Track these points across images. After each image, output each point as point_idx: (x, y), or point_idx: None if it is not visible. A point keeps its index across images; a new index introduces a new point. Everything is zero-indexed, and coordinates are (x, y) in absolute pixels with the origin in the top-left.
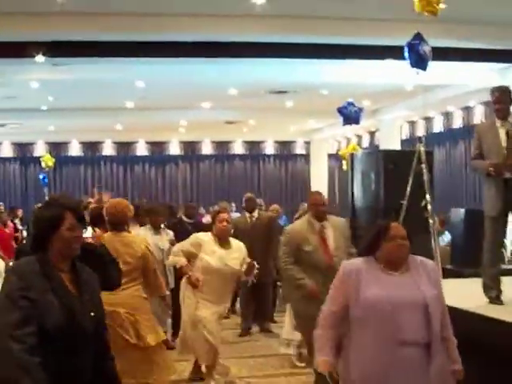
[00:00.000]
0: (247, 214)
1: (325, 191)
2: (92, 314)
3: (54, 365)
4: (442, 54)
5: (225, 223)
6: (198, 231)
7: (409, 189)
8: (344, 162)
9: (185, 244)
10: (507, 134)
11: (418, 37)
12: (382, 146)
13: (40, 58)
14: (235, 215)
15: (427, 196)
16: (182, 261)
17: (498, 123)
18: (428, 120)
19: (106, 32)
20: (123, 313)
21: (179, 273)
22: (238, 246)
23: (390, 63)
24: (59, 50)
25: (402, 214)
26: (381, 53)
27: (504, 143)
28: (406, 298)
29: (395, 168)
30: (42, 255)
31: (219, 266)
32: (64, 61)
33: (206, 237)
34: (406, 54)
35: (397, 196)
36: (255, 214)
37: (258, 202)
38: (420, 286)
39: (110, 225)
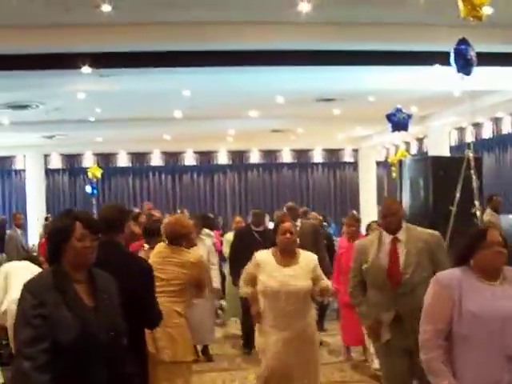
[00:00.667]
0: None
1: (374, 199)
2: (108, 324)
3: (68, 378)
4: (490, 59)
5: (288, 235)
6: (265, 240)
7: (458, 195)
8: (393, 169)
9: (247, 269)
10: None
11: (464, 42)
12: (431, 153)
13: (86, 70)
14: None
15: (476, 202)
16: (245, 291)
17: None
18: (477, 126)
19: (152, 42)
20: None
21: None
22: (307, 259)
23: (437, 69)
24: (105, 61)
25: (451, 220)
26: (428, 59)
27: None
28: None
29: (444, 174)
30: (57, 267)
31: (279, 287)
32: (110, 72)
33: (264, 255)
34: (452, 59)
35: (446, 202)
36: (298, 223)
37: (305, 210)
38: None
39: (166, 239)
